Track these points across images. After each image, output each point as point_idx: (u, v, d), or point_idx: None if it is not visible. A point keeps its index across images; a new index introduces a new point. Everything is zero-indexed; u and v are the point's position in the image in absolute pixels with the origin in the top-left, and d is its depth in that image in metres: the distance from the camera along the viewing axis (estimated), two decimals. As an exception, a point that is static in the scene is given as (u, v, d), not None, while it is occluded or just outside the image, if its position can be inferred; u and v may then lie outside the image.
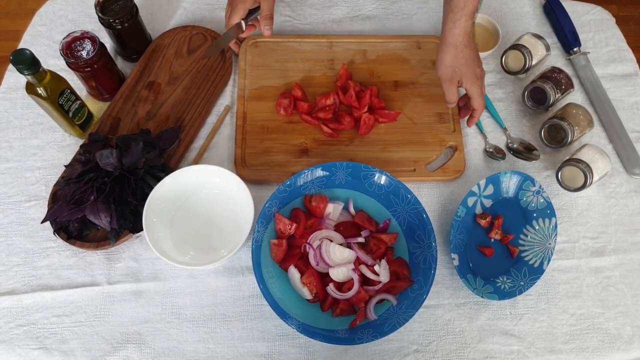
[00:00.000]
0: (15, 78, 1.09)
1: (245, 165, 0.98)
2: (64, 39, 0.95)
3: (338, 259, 0.89)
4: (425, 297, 0.85)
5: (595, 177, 0.95)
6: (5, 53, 0.99)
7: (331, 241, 0.90)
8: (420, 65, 1.10)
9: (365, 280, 0.89)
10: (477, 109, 0.98)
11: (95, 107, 1.06)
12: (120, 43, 1.07)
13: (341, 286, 0.88)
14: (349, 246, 0.90)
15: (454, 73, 0.94)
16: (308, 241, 0.90)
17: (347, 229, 0.93)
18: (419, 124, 1.03)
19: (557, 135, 1.01)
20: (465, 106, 1.02)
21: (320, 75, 1.08)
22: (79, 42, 0.96)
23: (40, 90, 0.89)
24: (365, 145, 1.01)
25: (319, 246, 0.89)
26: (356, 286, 0.87)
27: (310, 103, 1.04)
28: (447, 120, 1.04)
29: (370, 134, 1.02)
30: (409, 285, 0.89)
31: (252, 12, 1.00)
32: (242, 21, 0.99)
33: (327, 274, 0.89)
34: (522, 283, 0.92)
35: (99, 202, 0.89)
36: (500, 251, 0.96)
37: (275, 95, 1.05)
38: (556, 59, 1.15)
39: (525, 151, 1.04)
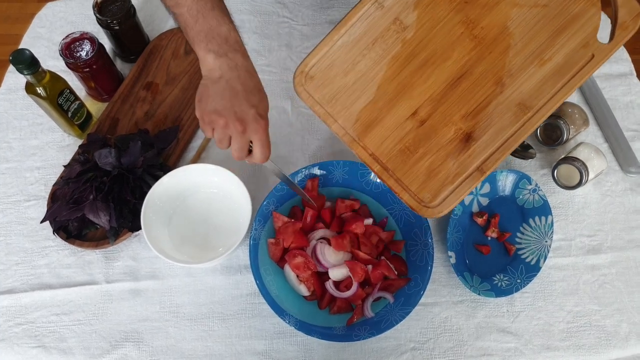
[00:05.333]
0: (15, 79, 1.10)
1: (426, 205, 0.81)
2: (63, 39, 0.96)
3: (333, 260, 0.89)
4: (422, 294, 0.85)
5: (591, 175, 0.96)
6: (4, 57, 1.00)
7: (328, 242, 0.90)
8: None
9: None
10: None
11: (94, 107, 1.07)
12: (118, 44, 1.08)
13: (338, 284, 0.89)
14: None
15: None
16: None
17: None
18: (549, 3, 0.78)
19: (552, 134, 1.02)
20: None
21: (400, 47, 0.81)
22: (78, 43, 0.97)
23: (39, 90, 0.90)
24: (519, 76, 0.78)
25: (314, 247, 0.90)
26: (354, 286, 0.87)
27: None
28: None
29: (512, 59, 0.78)
30: (405, 282, 0.89)
31: None
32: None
33: (325, 272, 0.89)
34: (518, 281, 0.92)
35: (98, 201, 0.90)
36: (497, 249, 0.97)
37: (381, 110, 0.82)
38: (552, 59, 1.15)
39: (521, 150, 1.04)
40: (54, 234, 0.93)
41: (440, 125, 0.80)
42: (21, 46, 1.13)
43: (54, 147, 1.04)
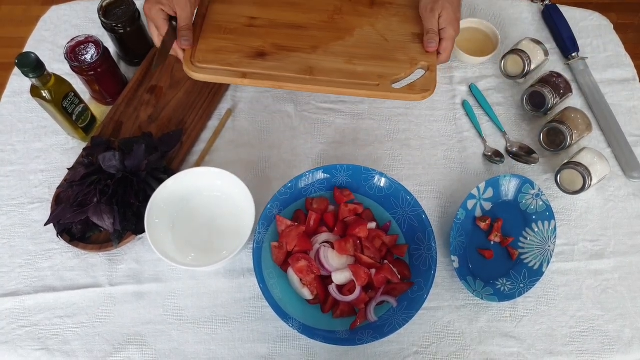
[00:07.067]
0: (20, 82, 1.10)
1: (192, 62, 0.91)
2: (68, 43, 0.97)
3: (337, 263, 0.89)
4: (426, 298, 0.85)
5: (594, 180, 0.96)
6: (9, 59, 1.01)
7: (332, 246, 0.91)
8: None
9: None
10: (443, 53, 0.95)
11: (99, 110, 1.07)
12: (123, 47, 1.08)
13: (342, 288, 0.89)
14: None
15: (436, 6, 0.93)
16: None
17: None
18: (391, 42, 0.97)
19: (556, 139, 1.02)
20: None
21: None
22: (83, 47, 0.98)
23: (44, 93, 0.91)
24: (329, 55, 0.94)
25: (318, 251, 0.90)
26: (358, 290, 0.87)
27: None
28: (423, 41, 0.97)
29: (336, 46, 0.96)
30: (409, 287, 0.89)
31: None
32: (174, 22, 0.91)
33: (328, 276, 0.89)
34: (521, 285, 0.92)
35: (102, 204, 0.90)
36: (500, 254, 0.97)
37: (238, 0, 0.99)
38: (555, 64, 1.16)
39: (524, 155, 1.05)
40: (57, 236, 0.93)
41: (257, 36, 0.96)
42: (26, 49, 1.14)
43: (58, 150, 1.04)
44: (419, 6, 0.98)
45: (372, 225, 0.93)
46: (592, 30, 1.21)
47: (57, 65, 1.10)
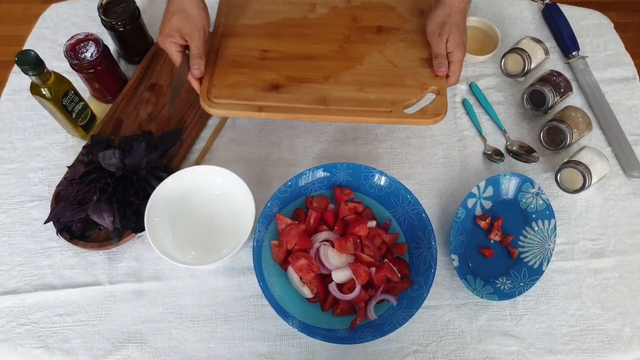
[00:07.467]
0: (20, 80, 1.10)
1: (210, 98, 0.92)
2: (68, 40, 0.97)
3: (337, 262, 0.89)
4: (426, 296, 0.85)
5: (594, 179, 0.96)
6: (9, 57, 1.01)
7: (332, 244, 0.91)
8: (407, 13, 1.06)
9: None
10: (452, 76, 0.96)
11: (98, 108, 1.07)
12: (123, 45, 1.08)
13: (342, 286, 0.89)
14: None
15: (443, 30, 0.95)
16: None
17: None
18: (400, 67, 0.98)
19: (556, 138, 1.02)
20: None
21: (300, 17, 1.04)
22: (82, 44, 0.98)
23: (44, 91, 0.90)
24: (341, 84, 0.96)
25: (318, 250, 0.90)
26: (358, 289, 0.87)
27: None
28: (431, 65, 0.98)
29: (347, 74, 0.97)
30: (409, 285, 0.89)
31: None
32: (187, 51, 0.93)
33: (328, 274, 0.89)
34: (521, 284, 0.92)
35: (101, 202, 0.90)
36: (500, 252, 0.97)
37: (251, 31, 1.01)
38: (555, 62, 1.16)
39: (524, 153, 1.05)
40: (57, 234, 0.93)
41: (270, 68, 0.97)
42: (25, 47, 1.14)
43: (58, 148, 1.04)
44: (426, 31, 0.99)
45: (372, 223, 0.93)
46: (592, 29, 1.20)
47: (57, 63, 1.10)
